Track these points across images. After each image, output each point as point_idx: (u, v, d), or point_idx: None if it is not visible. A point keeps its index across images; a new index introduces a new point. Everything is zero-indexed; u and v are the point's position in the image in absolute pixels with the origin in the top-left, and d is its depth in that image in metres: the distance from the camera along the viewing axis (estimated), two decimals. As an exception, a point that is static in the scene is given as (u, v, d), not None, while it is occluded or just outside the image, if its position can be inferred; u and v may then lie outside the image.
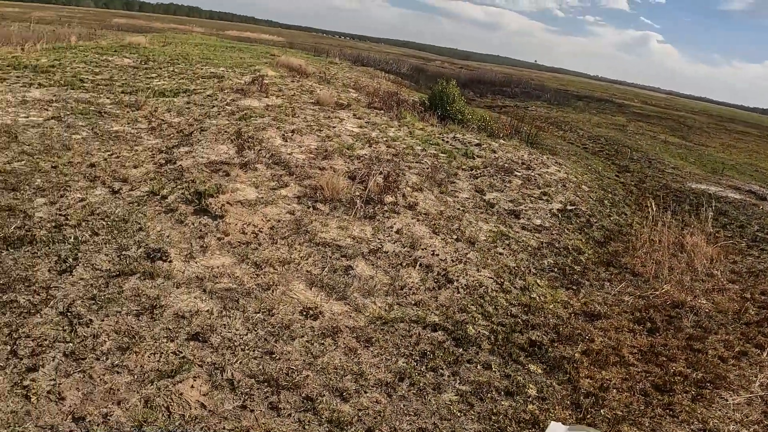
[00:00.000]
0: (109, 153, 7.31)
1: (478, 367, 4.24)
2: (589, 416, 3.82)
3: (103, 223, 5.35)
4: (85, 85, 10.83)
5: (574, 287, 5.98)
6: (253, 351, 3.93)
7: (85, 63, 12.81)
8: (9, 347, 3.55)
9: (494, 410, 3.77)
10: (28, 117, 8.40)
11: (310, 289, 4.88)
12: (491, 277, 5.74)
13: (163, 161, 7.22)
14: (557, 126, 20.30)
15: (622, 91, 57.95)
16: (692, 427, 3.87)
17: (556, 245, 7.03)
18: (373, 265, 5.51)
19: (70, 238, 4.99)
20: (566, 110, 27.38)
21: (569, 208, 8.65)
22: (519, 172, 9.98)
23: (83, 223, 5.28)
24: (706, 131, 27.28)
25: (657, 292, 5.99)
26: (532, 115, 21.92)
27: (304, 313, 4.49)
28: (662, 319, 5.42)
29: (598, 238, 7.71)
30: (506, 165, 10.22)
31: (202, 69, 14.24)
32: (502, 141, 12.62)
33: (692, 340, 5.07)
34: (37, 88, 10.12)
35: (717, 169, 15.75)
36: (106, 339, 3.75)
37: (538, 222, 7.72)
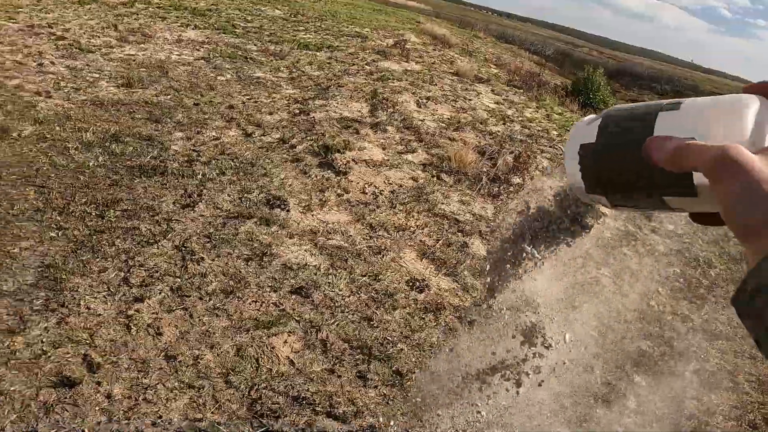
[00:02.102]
0: (248, 97, 7.38)
1: (579, 368, 3.85)
2: (688, 440, 3.45)
3: (232, 163, 5.33)
4: (236, 30, 11.15)
5: (698, 302, 5.28)
6: (353, 315, 3.71)
7: (239, 10, 13.26)
8: (123, 274, 3.56)
9: (587, 416, 3.42)
10: (180, 55, 8.74)
11: (421, 260, 4.57)
12: (610, 277, 5.18)
13: (298, 111, 7.16)
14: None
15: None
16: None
17: (686, 255, 6.22)
18: (489, 245, 5.08)
19: (199, 174, 5.01)
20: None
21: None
22: (661, 171, 8.95)
23: (213, 161, 5.30)
24: None
25: (790, 321, 5.08)
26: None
27: (411, 284, 4.20)
28: (790, 350, 4.58)
29: (734, 254, 6.70)
30: (647, 162, 9.21)
31: (347, 27, 14.22)
32: (646, 136, 11.44)
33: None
34: (192, 29, 10.56)
35: None
36: (213, 279, 3.66)
37: (671, 227, 6.86)
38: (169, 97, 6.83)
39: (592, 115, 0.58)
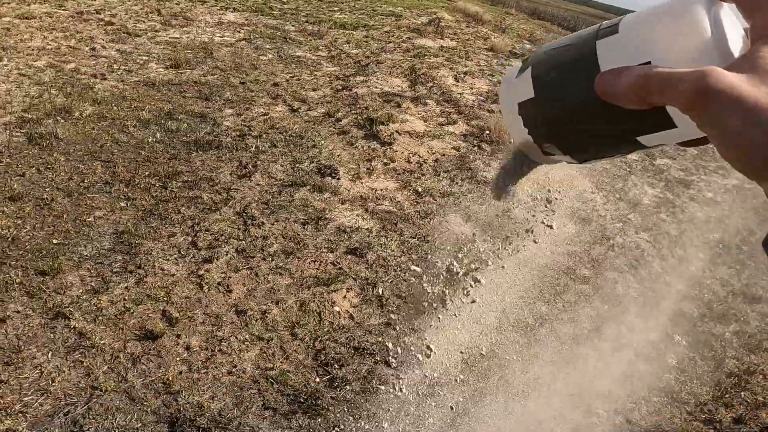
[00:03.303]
0: (291, 75, 7.55)
1: (622, 327, 3.95)
2: (727, 395, 3.53)
3: (281, 137, 5.53)
4: (273, 12, 11.33)
5: (738, 267, 5.26)
6: (404, 273, 3.90)
7: (275, -8, 13.41)
8: (190, 238, 3.79)
9: (630, 372, 3.55)
10: (222, 37, 8.95)
11: (466, 223, 4.73)
12: (649, 241, 5.25)
13: (340, 87, 7.31)
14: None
15: None
16: None
17: (725, 222, 6.19)
18: (530, 210, 5.20)
19: (252, 147, 5.21)
20: None
21: (747, 186, 7.48)
22: (698, 141, 8.83)
23: (264, 135, 5.50)
24: None
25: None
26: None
27: (458, 246, 4.36)
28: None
29: (775, 222, 6.65)
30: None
31: (380, 7, 14.25)
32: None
33: None
34: (231, 12, 10.77)
35: None
36: (274, 242, 3.87)
37: (710, 195, 6.81)
38: (215, 76, 7.05)
39: (518, 65, 0.47)
